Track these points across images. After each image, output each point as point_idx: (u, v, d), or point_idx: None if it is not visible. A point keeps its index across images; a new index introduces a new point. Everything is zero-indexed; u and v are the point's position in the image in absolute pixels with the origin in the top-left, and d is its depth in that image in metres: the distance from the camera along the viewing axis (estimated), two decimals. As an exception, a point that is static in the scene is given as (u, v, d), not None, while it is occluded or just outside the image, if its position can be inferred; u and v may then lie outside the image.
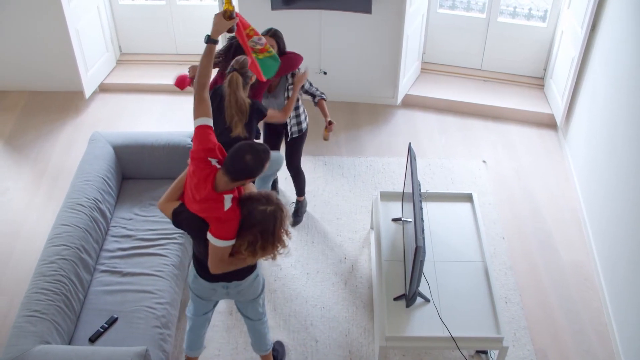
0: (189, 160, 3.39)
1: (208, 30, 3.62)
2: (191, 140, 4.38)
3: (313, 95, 4.87)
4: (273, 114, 4.36)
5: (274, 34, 4.57)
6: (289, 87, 4.68)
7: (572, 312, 4.70)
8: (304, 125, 4.92)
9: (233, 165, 3.23)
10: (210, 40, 3.52)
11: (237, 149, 3.25)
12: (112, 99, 6.85)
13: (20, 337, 3.54)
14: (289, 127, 4.86)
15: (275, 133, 5.03)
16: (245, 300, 3.80)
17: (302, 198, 5.38)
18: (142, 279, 4.20)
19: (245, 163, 3.21)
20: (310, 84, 4.85)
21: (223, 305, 4.65)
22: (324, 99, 4.89)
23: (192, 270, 3.68)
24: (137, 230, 4.58)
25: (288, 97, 4.67)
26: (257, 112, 4.18)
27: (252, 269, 3.63)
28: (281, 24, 6.16)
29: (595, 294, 4.82)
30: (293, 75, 4.69)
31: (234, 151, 3.25)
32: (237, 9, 6.29)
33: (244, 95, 4.05)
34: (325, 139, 4.90)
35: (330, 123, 4.81)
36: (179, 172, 4.27)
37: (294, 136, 4.92)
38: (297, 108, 4.83)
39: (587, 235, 5.21)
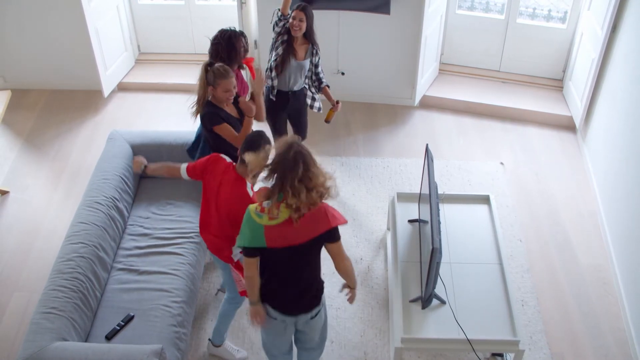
0: None
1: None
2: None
3: (320, 81, 5.04)
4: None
5: (303, 8, 4.69)
6: (315, 60, 4.95)
7: (590, 316, 4.66)
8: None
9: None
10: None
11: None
12: (131, 98, 6.90)
13: (38, 334, 3.57)
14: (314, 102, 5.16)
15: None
16: (315, 329, 3.65)
17: None
18: (158, 278, 4.21)
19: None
20: (320, 66, 5.05)
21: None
22: (328, 86, 5.09)
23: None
24: (154, 228, 4.60)
25: (311, 62, 4.92)
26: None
27: (319, 302, 3.51)
28: (299, 24, 6.16)
29: (613, 299, 4.77)
30: (313, 45, 4.91)
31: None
32: (255, 9, 6.32)
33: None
34: (328, 120, 5.07)
35: (337, 102, 5.03)
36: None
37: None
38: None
39: (605, 239, 5.17)
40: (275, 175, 3.16)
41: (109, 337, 3.88)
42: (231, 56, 4.47)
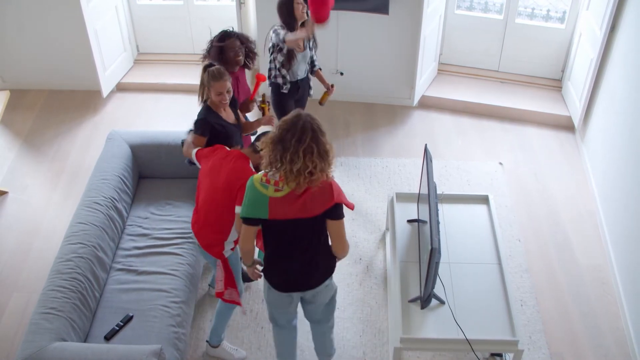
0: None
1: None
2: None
3: (313, 64, 5.20)
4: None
5: None
6: (311, 45, 5.10)
7: (589, 316, 4.66)
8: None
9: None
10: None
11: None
12: (130, 98, 6.90)
13: (37, 334, 3.57)
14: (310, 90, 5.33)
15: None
16: (320, 303, 3.68)
17: None
18: (157, 278, 4.21)
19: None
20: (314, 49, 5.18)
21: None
22: (321, 69, 5.31)
23: (266, 284, 3.57)
24: (153, 229, 4.60)
25: (310, 47, 5.05)
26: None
27: (326, 278, 3.53)
28: (298, 24, 6.16)
29: (612, 298, 4.77)
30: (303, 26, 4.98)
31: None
32: (254, 9, 6.32)
33: None
34: (322, 102, 5.33)
35: (332, 85, 5.28)
36: (195, 171, 4.32)
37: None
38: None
39: (604, 239, 5.17)
40: (281, 143, 3.08)
41: (107, 338, 3.87)
42: (220, 59, 4.47)
